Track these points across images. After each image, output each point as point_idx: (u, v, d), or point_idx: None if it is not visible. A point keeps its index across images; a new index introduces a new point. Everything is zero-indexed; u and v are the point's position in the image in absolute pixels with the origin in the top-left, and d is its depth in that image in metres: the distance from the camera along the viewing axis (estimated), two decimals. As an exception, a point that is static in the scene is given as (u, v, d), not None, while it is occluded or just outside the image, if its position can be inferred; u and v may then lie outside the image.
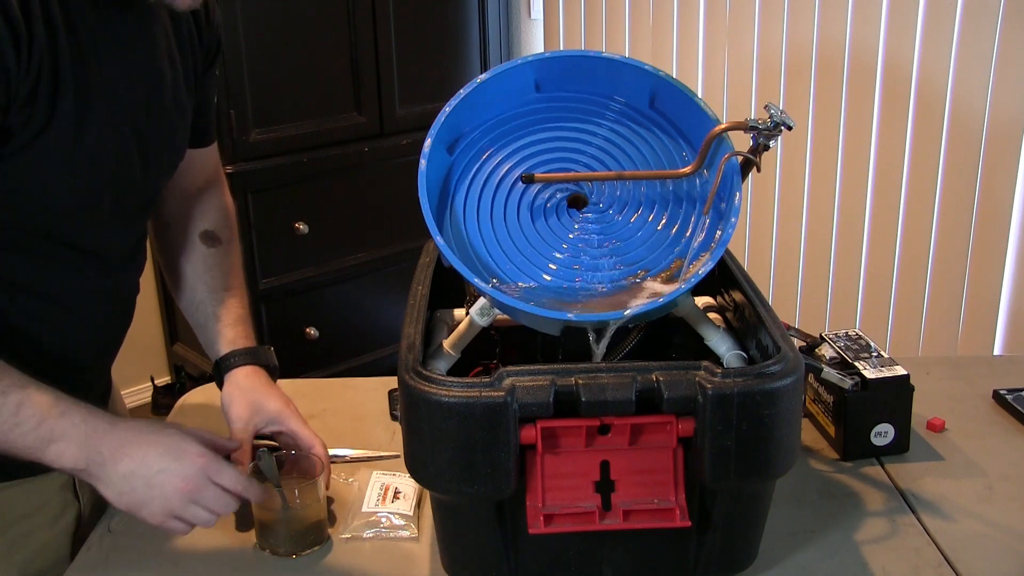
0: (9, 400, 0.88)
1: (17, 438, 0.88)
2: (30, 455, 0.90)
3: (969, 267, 2.28)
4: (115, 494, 0.94)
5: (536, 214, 1.01)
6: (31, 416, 0.88)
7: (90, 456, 0.91)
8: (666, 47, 2.78)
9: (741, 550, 0.98)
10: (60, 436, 0.90)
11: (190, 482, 0.94)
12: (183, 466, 0.94)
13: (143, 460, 0.93)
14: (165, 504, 0.94)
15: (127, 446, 0.92)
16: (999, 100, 2.14)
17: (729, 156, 0.96)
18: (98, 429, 0.92)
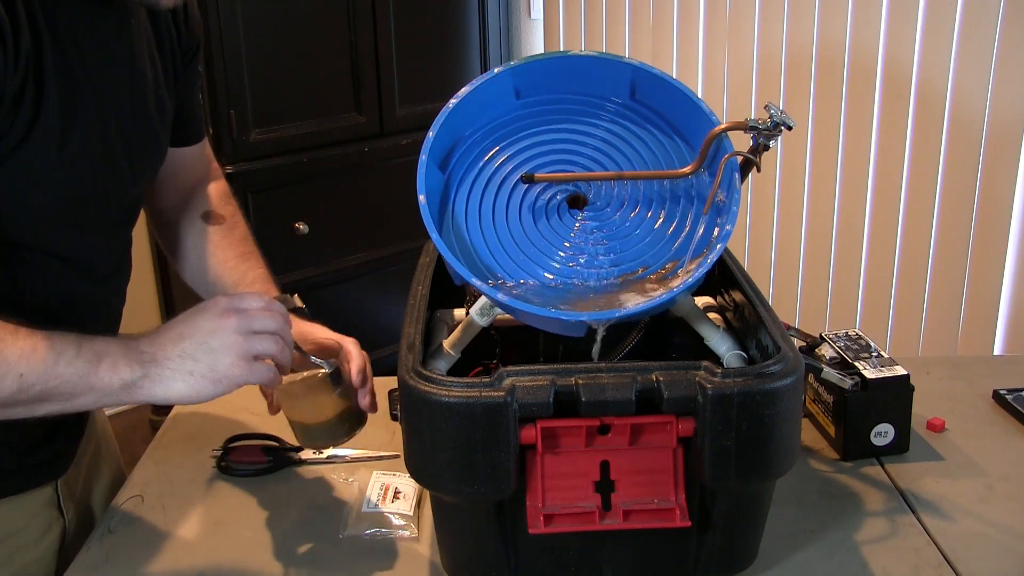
0: (38, 338, 0.85)
1: (64, 368, 0.85)
2: (84, 381, 0.86)
3: (969, 267, 2.28)
4: (186, 384, 0.89)
5: (536, 214, 1.01)
6: (68, 344, 0.86)
7: (141, 359, 0.88)
8: (666, 47, 2.78)
9: (741, 550, 0.98)
10: (104, 352, 0.87)
11: (228, 305, 0.91)
12: (211, 306, 0.91)
13: (180, 331, 0.90)
14: (232, 351, 0.89)
15: (163, 333, 0.90)
16: (999, 100, 2.14)
17: (729, 156, 0.96)
18: (134, 336, 0.90)
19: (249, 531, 1.09)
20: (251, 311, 0.92)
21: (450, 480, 0.87)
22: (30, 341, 0.84)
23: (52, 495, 1.08)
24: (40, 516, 1.07)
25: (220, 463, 1.21)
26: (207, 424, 1.33)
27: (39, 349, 0.84)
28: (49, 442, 1.06)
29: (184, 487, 1.18)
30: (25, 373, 0.83)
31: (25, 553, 1.05)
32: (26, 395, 0.84)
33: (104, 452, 1.23)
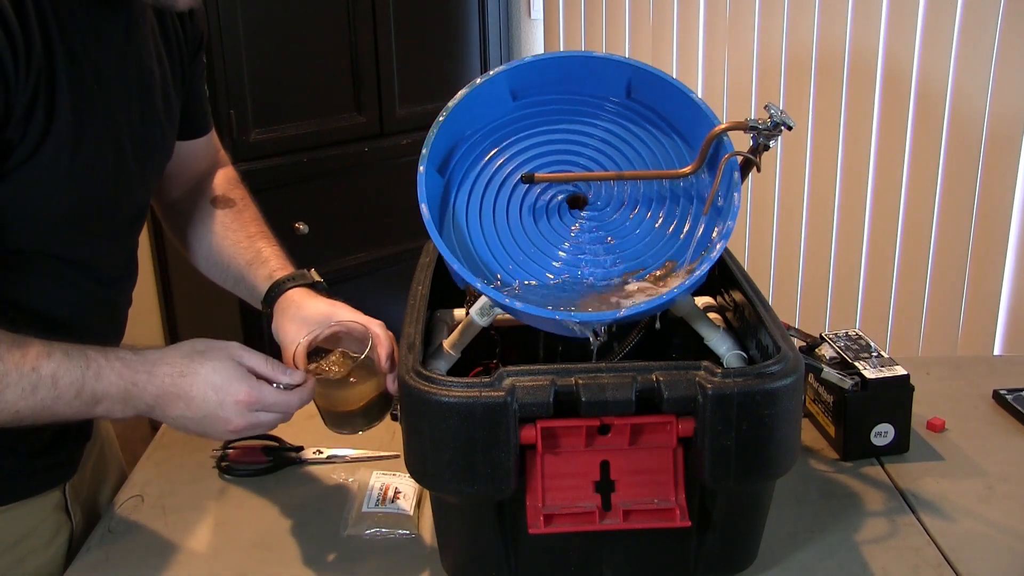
0: (43, 375, 0.86)
1: (63, 408, 0.88)
2: (82, 418, 0.90)
3: (969, 267, 2.28)
4: (175, 428, 0.95)
5: (536, 214, 1.01)
6: (69, 386, 0.87)
7: (137, 407, 0.91)
8: (666, 47, 2.78)
9: (741, 550, 0.98)
10: (103, 396, 0.89)
11: (239, 420, 0.93)
12: (226, 411, 0.93)
13: (187, 405, 0.92)
14: (221, 435, 0.95)
15: (168, 395, 0.91)
16: (999, 100, 2.14)
17: (729, 156, 0.96)
18: (137, 383, 0.90)
19: (249, 531, 1.09)
20: (262, 415, 0.95)
21: (450, 480, 0.87)
22: (32, 378, 0.86)
23: (60, 499, 1.08)
24: (49, 520, 1.07)
25: (220, 463, 1.21)
26: (207, 424, 1.32)
27: (39, 389, 0.86)
28: (57, 446, 1.06)
29: (184, 487, 1.18)
30: (22, 410, 0.86)
31: (35, 557, 1.05)
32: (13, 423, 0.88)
33: (108, 454, 1.23)
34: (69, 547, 1.09)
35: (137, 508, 1.13)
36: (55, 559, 1.06)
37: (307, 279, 1.14)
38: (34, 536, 1.05)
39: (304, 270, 1.16)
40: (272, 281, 1.13)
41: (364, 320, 1.08)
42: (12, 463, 1.01)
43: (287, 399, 0.96)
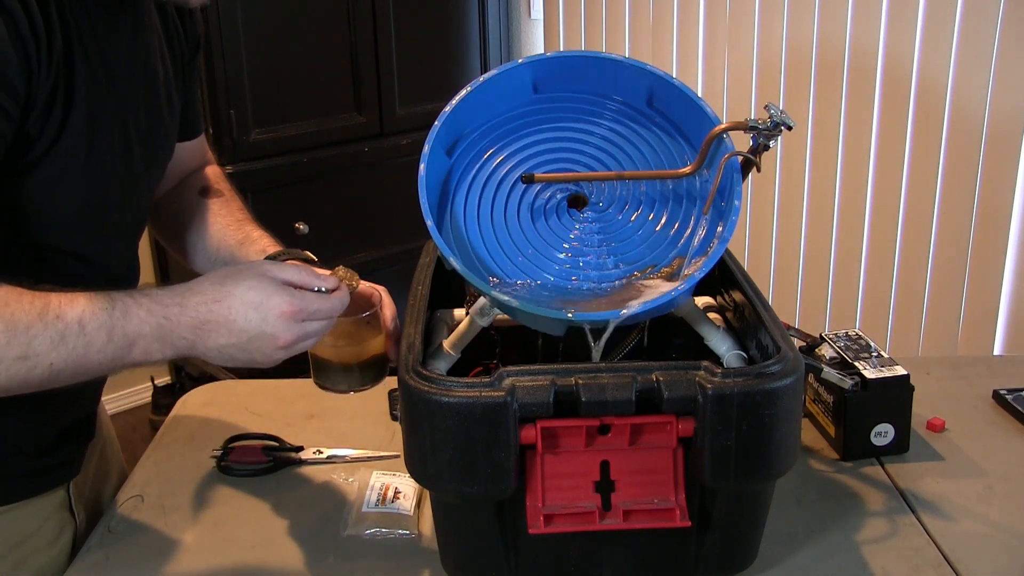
0: (69, 322, 0.82)
1: (96, 356, 0.83)
2: (119, 366, 0.85)
3: (969, 267, 2.28)
4: (218, 363, 0.89)
5: (536, 214, 1.01)
6: (98, 330, 0.82)
7: (176, 344, 0.86)
8: (666, 47, 2.78)
9: (741, 550, 0.98)
10: (136, 336, 0.84)
11: (288, 335, 0.87)
12: (273, 325, 0.87)
13: (229, 331, 0.86)
14: (269, 358, 0.89)
15: (207, 324, 0.86)
16: (999, 100, 2.14)
17: (729, 156, 0.96)
18: (169, 317, 0.85)
19: (249, 531, 1.09)
20: (307, 325, 0.89)
21: (450, 480, 0.87)
22: (58, 326, 0.81)
23: (64, 498, 1.08)
24: (53, 519, 1.07)
25: (220, 463, 1.21)
26: (207, 424, 1.33)
27: (67, 337, 0.81)
28: (61, 445, 1.06)
29: (184, 487, 1.18)
30: (55, 363, 0.82)
31: (40, 556, 1.05)
32: (55, 380, 0.83)
33: (109, 454, 1.23)
34: (73, 546, 1.09)
35: (137, 508, 1.13)
36: (59, 558, 1.06)
37: (300, 255, 1.14)
38: (39, 535, 1.05)
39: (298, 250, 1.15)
40: (265, 255, 1.13)
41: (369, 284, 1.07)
42: (17, 463, 1.01)
43: (329, 303, 0.90)
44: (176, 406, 1.40)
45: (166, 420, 1.36)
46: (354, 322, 1.03)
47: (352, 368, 1.04)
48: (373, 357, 1.04)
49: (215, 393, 1.43)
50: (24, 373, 0.81)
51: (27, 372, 0.81)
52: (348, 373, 1.04)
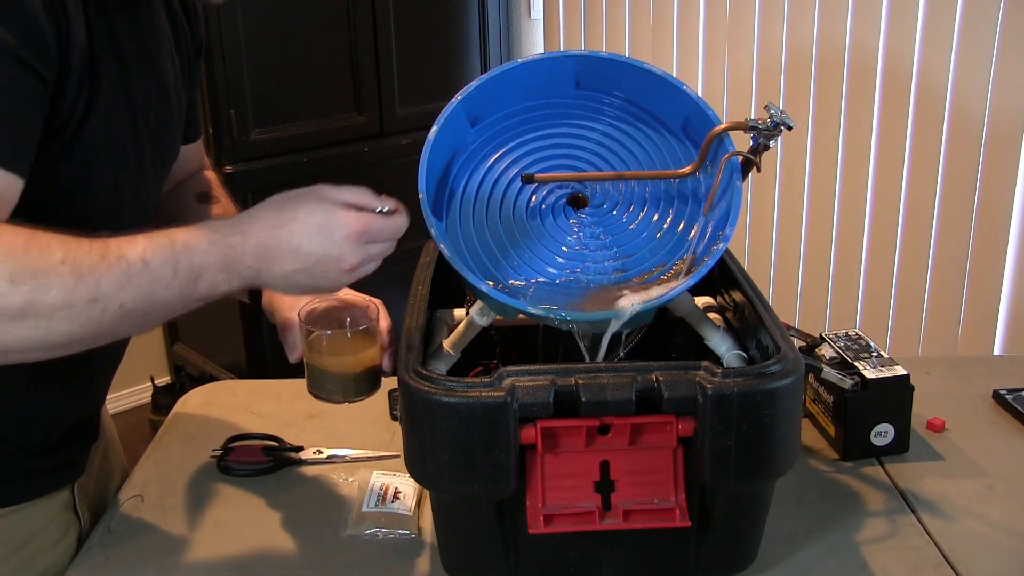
0: (132, 260, 0.79)
1: (164, 292, 0.80)
2: (187, 302, 0.83)
3: (969, 267, 2.28)
4: (284, 291, 0.88)
5: (536, 214, 1.01)
6: (162, 265, 0.80)
7: (241, 274, 0.84)
8: (666, 47, 2.78)
9: (741, 550, 0.98)
10: (201, 268, 0.82)
11: (354, 257, 0.86)
12: (339, 246, 0.85)
13: (295, 256, 0.84)
14: (336, 283, 0.87)
15: (271, 250, 0.84)
16: (999, 100, 2.14)
17: (729, 156, 0.96)
18: (233, 246, 0.83)
19: (249, 531, 1.09)
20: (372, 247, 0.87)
21: (450, 480, 0.87)
22: (122, 265, 0.79)
23: (68, 498, 1.08)
24: (58, 519, 1.07)
25: (220, 463, 1.21)
26: (207, 424, 1.33)
27: (133, 276, 0.79)
28: (66, 446, 1.06)
29: (184, 487, 1.18)
30: (126, 303, 0.79)
31: (45, 556, 1.05)
32: (127, 323, 0.81)
33: (112, 455, 1.23)
34: (77, 546, 1.09)
35: (137, 508, 1.13)
36: (64, 558, 1.06)
37: None
38: (44, 535, 1.05)
39: None
40: None
41: (363, 297, 1.09)
42: (23, 463, 1.01)
43: (393, 223, 0.88)
44: (176, 406, 1.40)
45: (166, 420, 1.36)
46: (352, 333, 1.04)
47: (348, 378, 1.04)
48: (368, 368, 1.05)
49: (215, 393, 1.43)
50: (97, 316, 0.78)
51: (100, 315, 0.78)
52: (344, 383, 1.04)
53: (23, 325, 0.75)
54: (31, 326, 0.75)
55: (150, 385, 3.04)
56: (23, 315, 0.75)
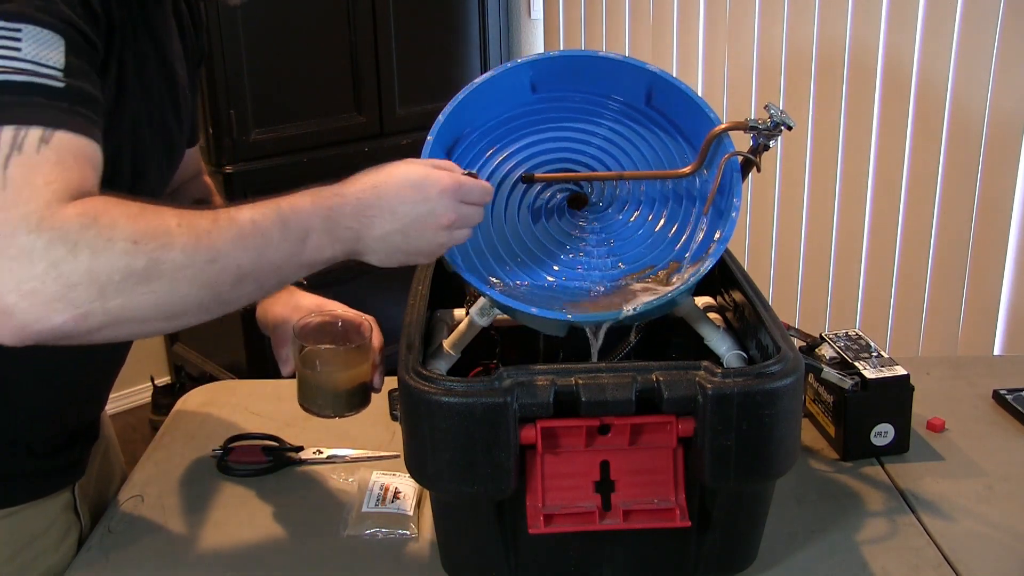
0: (242, 223, 0.79)
1: (274, 253, 0.80)
2: (295, 265, 0.83)
3: (969, 267, 2.28)
4: (383, 259, 0.88)
5: (536, 214, 1.01)
6: (271, 226, 0.80)
7: (343, 237, 0.85)
8: (666, 47, 2.78)
9: (741, 550, 0.98)
10: (307, 230, 0.82)
11: (449, 213, 0.86)
12: (432, 204, 0.86)
13: (392, 215, 0.85)
14: (431, 245, 0.88)
15: (369, 209, 0.85)
16: (999, 100, 2.14)
17: (729, 156, 0.96)
18: (332, 207, 0.84)
19: (249, 531, 1.09)
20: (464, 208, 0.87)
21: (450, 480, 0.87)
22: (234, 228, 0.78)
23: (69, 499, 1.08)
24: (60, 520, 1.07)
25: (220, 463, 1.21)
26: (207, 424, 1.33)
27: (246, 236, 0.78)
28: (68, 446, 1.06)
29: (184, 487, 1.18)
30: (243, 264, 0.78)
31: (47, 557, 1.05)
32: (240, 288, 0.79)
33: (111, 456, 1.23)
34: (79, 547, 1.09)
35: (137, 508, 1.13)
36: (65, 559, 1.06)
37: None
38: (46, 536, 1.05)
39: None
40: None
41: (356, 314, 1.10)
42: (28, 463, 1.01)
43: (482, 187, 0.89)
44: (176, 406, 1.40)
45: (166, 420, 1.36)
46: (345, 350, 1.06)
47: (339, 394, 1.06)
48: (359, 384, 1.07)
49: (215, 393, 1.43)
50: (215, 277, 0.77)
51: (218, 276, 0.77)
52: (335, 398, 1.06)
53: (147, 289, 0.73)
54: (155, 289, 0.73)
55: (150, 385, 3.04)
56: (147, 277, 0.73)
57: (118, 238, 0.71)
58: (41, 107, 0.73)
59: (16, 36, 0.73)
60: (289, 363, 1.10)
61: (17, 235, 0.68)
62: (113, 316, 0.72)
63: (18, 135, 0.71)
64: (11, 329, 0.70)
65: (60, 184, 0.71)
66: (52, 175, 0.71)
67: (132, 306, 0.73)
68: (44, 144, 0.71)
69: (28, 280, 0.68)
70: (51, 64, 0.74)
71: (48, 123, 0.72)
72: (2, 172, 0.69)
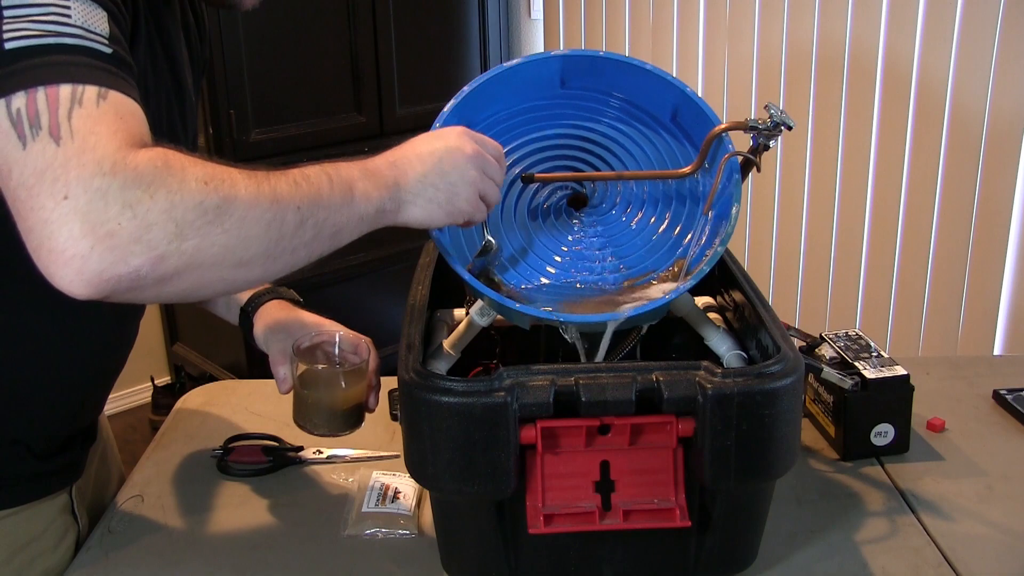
0: (293, 174, 0.80)
1: (327, 199, 0.81)
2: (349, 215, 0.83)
3: (969, 267, 2.28)
4: (422, 210, 0.87)
5: (536, 214, 1.01)
6: (318, 177, 0.81)
7: (384, 182, 0.85)
8: (666, 47, 2.78)
9: (741, 550, 0.98)
10: (350, 180, 0.83)
11: (470, 143, 0.89)
12: (454, 139, 0.89)
13: (419, 159, 0.87)
14: (468, 181, 0.88)
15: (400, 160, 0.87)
16: (999, 100, 2.14)
17: (729, 156, 0.96)
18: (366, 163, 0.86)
19: (249, 531, 1.09)
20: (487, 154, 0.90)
21: (450, 480, 0.87)
22: (286, 178, 0.79)
23: (67, 501, 1.08)
24: (57, 522, 1.07)
25: (220, 463, 1.21)
26: (207, 424, 1.33)
27: (300, 183, 0.79)
28: (66, 448, 1.06)
29: (184, 487, 1.18)
30: (301, 205, 0.79)
31: (44, 559, 1.05)
32: (304, 234, 0.80)
33: (109, 457, 1.23)
34: (76, 549, 1.09)
35: (137, 508, 1.13)
36: (63, 561, 1.06)
37: (287, 294, 1.18)
38: (43, 538, 1.05)
39: (284, 287, 1.19)
40: (252, 293, 1.16)
41: (354, 334, 1.13)
42: (23, 465, 1.01)
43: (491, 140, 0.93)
44: (176, 406, 1.40)
45: (166, 420, 1.36)
46: (342, 371, 1.08)
47: (335, 413, 1.08)
48: (355, 405, 1.09)
49: (215, 393, 1.43)
50: (280, 217, 0.77)
51: (282, 217, 0.77)
52: (330, 418, 1.08)
53: (220, 228, 0.73)
54: (227, 229, 0.74)
55: (150, 385, 3.04)
56: (220, 216, 0.73)
57: (190, 178, 0.71)
58: (93, 68, 0.73)
59: (66, 4, 0.74)
60: (287, 382, 1.12)
61: (92, 179, 0.68)
62: (187, 258, 0.72)
63: (76, 91, 0.71)
64: (87, 276, 0.68)
65: (124, 133, 0.71)
66: (115, 125, 0.71)
67: (205, 247, 0.73)
68: (103, 100, 0.72)
69: (104, 223, 0.68)
70: (98, 31, 0.75)
71: (102, 82, 0.73)
72: (68, 124, 0.69)
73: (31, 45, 0.71)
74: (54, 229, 0.67)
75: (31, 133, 0.69)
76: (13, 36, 0.71)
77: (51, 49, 0.72)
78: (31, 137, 0.69)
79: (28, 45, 0.71)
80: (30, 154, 0.68)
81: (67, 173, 0.68)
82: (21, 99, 0.69)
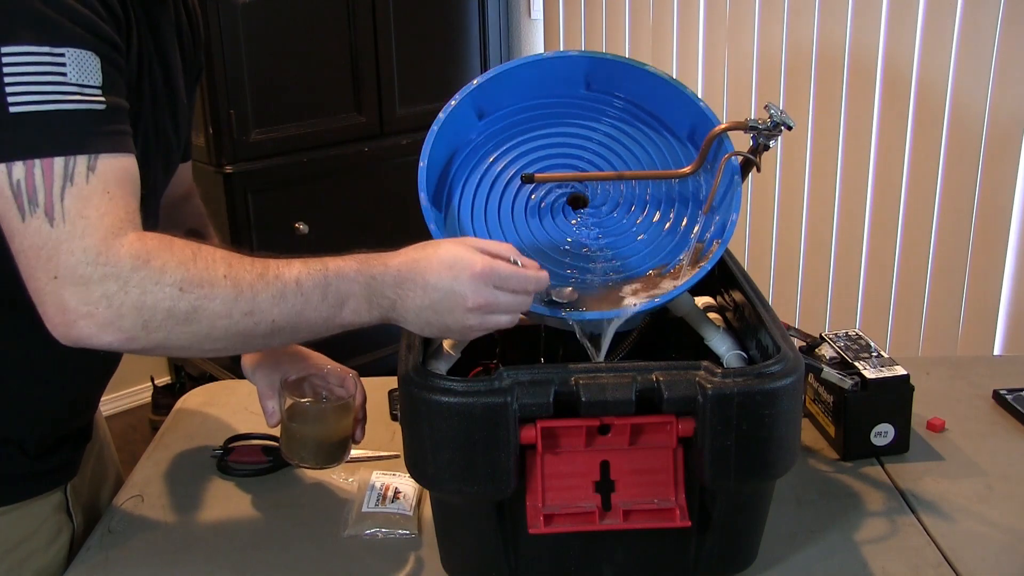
0: (287, 281, 0.85)
1: (312, 313, 0.86)
2: (331, 326, 0.88)
3: (969, 267, 2.28)
4: (418, 329, 0.90)
5: (536, 214, 1.01)
6: (313, 289, 0.85)
7: (381, 304, 0.88)
8: (666, 47, 2.78)
9: (741, 550, 0.98)
10: (347, 295, 0.87)
11: (477, 296, 0.87)
12: (464, 284, 0.87)
13: (424, 291, 0.87)
14: (459, 325, 0.88)
15: (406, 282, 0.88)
16: (999, 100, 2.14)
17: (729, 156, 0.96)
18: (375, 276, 0.88)
19: (249, 531, 1.09)
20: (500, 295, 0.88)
21: (450, 480, 0.87)
22: (278, 285, 0.85)
23: (61, 500, 1.08)
24: (50, 521, 1.07)
25: (220, 463, 1.21)
26: (207, 424, 1.33)
27: (287, 296, 0.85)
28: (61, 447, 1.06)
29: (184, 487, 1.18)
30: (277, 319, 0.85)
31: (38, 558, 1.05)
32: (275, 337, 0.87)
33: (106, 456, 1.23)
34: (70, 548, 1.09)
35: (137, 508, 1.13)
36: (57, 560, 1.06)
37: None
38: (37, 537, 1.05)
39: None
40: None
41: (341, 368, 1.15)
42: (17, 464, 1.01)
43: (522, 272, 0.89)
44: (176, 406, 1.40)
45: (166, 420, 1.36)
46: (329, 407, 1.10)
47: (322, 447, 1.10)
48: (341, 439, 1.10)
49: (215, 393, 1.43)
50: (250, 328, 0.85)
51: (253, 328, 0.85)
52: (317, 450, 1.10)
53: (187, 329, 0.82)
54: (193, 331, 0.83)
55: (150, 385, 3.04)
56: (188, 320, 0.82)
57: (166, 282, 0.81)
58: (86, 133, 0.80)
59: (61, 62, 0.79)
60: (275, 415, 1.13)
61: (78, 267, 0.79)
62: (154, 344, 0.83)
63: (68, 165, 0.79)
64: (72, 339, 0.81)
65: (111, 217, 0.80)
66: (104, 206, 0.80)
67: (171, 340, 0.83)
68: (91, 172, 0.80)
69: (86, 304, 0.79)
70: (93, 84, 0.81)
71: (93, 149, 0.80)
72: (60, 204, 0.78)
73: (33, 111, 0.78)
74: (45, 299, 0.80)
75: (29, 208, 0.78)
76: (17, 101, 0.77)
77: (51, 116, 0.78)
78: (29, 212, 0.79)
79: (30, 111, 0.78)
80: (29, 227, 0.79)
81: (58, 255, 0.79)
82: (21, 170, 0.78)
